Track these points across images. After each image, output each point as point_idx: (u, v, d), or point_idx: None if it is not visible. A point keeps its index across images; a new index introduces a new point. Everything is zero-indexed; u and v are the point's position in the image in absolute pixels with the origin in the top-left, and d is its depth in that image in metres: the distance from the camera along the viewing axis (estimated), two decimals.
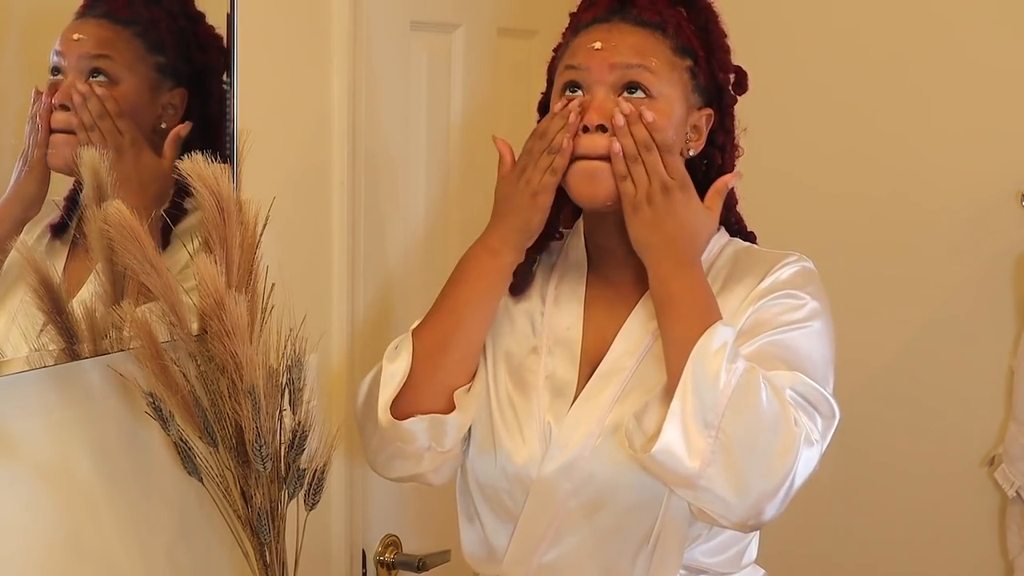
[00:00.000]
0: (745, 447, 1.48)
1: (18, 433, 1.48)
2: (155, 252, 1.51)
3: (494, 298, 1.65)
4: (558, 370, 1.65)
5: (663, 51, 1.62)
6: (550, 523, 1.62)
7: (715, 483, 1.48)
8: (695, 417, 1.47)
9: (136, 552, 1.66)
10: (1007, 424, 2.40)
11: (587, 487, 1.59)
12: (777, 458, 1.48)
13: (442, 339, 1.63)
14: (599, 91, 1.60)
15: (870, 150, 2.53)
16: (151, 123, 1.62)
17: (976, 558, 2.49)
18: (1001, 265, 2.42)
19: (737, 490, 1.48)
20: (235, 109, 1.70)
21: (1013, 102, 2.39)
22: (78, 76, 1.52)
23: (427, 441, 1.63)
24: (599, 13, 1.65)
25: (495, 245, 1.63)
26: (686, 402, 1.48)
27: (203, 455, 1.60)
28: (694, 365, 1.49)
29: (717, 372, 1.48)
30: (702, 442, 1.47)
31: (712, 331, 1.50)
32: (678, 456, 1.48)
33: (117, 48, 1.56)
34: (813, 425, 1.52)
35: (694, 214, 1.58)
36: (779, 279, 1.61)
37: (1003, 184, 2.39)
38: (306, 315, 1.66)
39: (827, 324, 1.62)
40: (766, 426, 1.48)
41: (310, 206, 1.98)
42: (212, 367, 1.56)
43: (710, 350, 1.49)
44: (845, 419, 1.78)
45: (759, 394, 1.48)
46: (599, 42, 1.61)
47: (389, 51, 2.07)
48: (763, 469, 1.48)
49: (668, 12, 1.65)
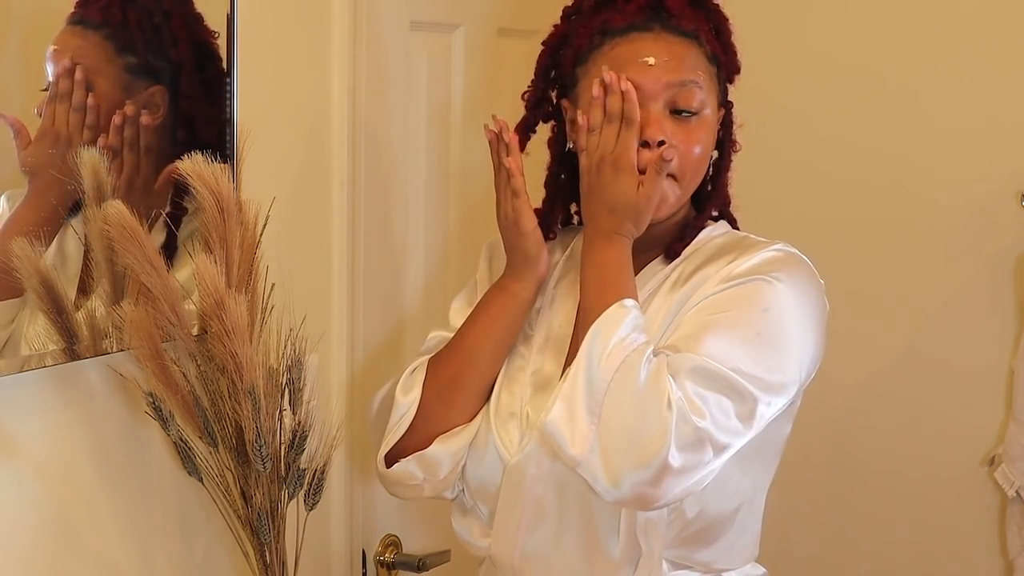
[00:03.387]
0: (617, 434, 1.50)
1: (18, 433, 1.48)
2: (155, 252, 1.51)
3: (509, 333, 1.67)
4: (545, 366, 1.67)
5: (703, 62, 1.65)
6: (524, 510, 1.64)
7: (593, 474, 1.51)
8: (581, 404, 1.51)
9: (136, 552, 1.66)
10: (1007, 424, 2.40)
11: (553, 472, 1.61)
12: (647, 444, 1.48)
13: (454, 374, 1.66)
14: (654, 107, 1.60)
15: (870, 150, 2.52)
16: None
17: (976, 558, 2.49)
18: (1001, 265, 2.42)
19: (610, 480, 1.50)
20: (235, 109, 1.70)
21: (1013, 102, 2.39)
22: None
23: (421, 475, 1.67)
24: (637, 20, 1.64)
25: (505, 281, 1.67)
26: (575, 388, 1.52)
27: (203, 455, 1.60)
28: (588, 345, 1.53)
29: (603, 354, 1.51)
30: (586, 430, 1.50)
31: (615, 311, 1.54)
32: (563, 437, 1.52)
33: (85, 54, 1.56)
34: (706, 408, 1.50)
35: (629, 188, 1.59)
36: (750, 263, 1.61)
37: (1003, 184, 2.39)
38: (306, 315, 1.66)
39: (792, 308, 1.59)
40: (637, 410, 1.49)
41: (310, 206, 1.98)
42: (212, 367, 1.56)
43: (607, 330, 1.53)
44: (845, 419, 1.79)
45: (636, 378, 1.50)
46: (652, 57, 1.61)
47: (389, 51, 2.07)
48: (633, 457, 1.49)
49: (697, 17, 1.67)
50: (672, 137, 1.59)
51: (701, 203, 1.72)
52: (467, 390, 1.66)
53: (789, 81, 2.56)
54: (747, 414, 1.53)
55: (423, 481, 1.68)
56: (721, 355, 1.53)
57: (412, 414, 1.66)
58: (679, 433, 1.48)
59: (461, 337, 1.68)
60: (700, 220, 1.70)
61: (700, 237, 1.70)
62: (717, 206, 1.74)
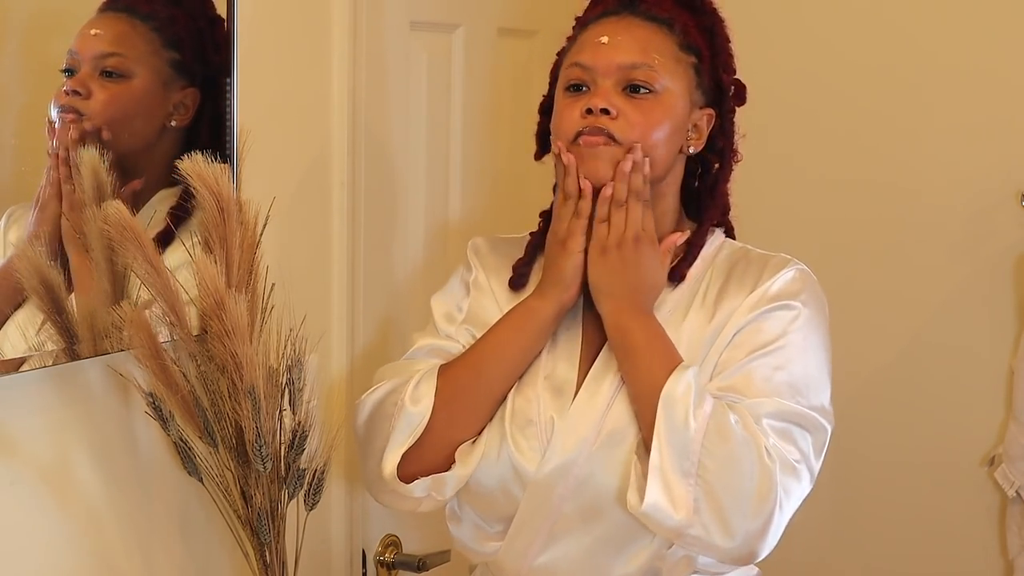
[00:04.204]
0: (726, 488, 1.51)
1: (18, 433, 1.48)
2: (155, 252, 1.50)
3: (524, 350, 1.65)
4: (558, 368, 1.66)
5: (669, 46, 1.64)
6: (542, 525, 1.62)
7: (705, 530, 1.52)
8: (673, 468, 1.51)
9: (136, 552, 1.66)
10: (1007, 424, 2.40)
11: (583, 492, 1.60)
12: (757, 495, 1.51)
13: (465, 389, 1.64)
14: (604, 83, 1.61)
15: (870, 150, 2.52)
16: (161, 120, 1.62)
17: (976, 558, 2.49)
18: (1001, 265, 2.42)
19: (725, 533, 1.52)
20: (235, 109, 1.70)
21: (1013, 102, 2.39)
22: (90, 75, 1.53)
23: (426, 492, 1.65)
24: (609, 6, 1.67)
25: (530, 300, 1.66)
26: (663, 455, 1.51)
27: (203, 455, 1.60)
28: (664, 415, 1.52)
29: (686, 418, 1.51)
30: (683, 491, 1.50)
31: (677, 377, 1.54)
32: (664, 510, 1.51)
33: (132, 42, 1.57)
34: (795, 447, 1.55)
35: (655, 267, 1.62)
36: (774, 287, 1.63)
37: (1003, 184, 2.39)
38: (306, 315, 1.66)
39: (819, 332, 1.64)
40: (743, 463, 1.51)
41: (310, 206, 1.98)
42: (212, 367, 1.56)
43: (676, 396, 1.53)
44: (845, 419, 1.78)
45: (731, 433, 1.51)
46: (606, 36, 1.63)
47: (389, 51, 2.07)
48: (746, 508, 1.51)
49: (676, 11, 1.67)
50: (622, 110, 1.60)
51: (700, 214, 1.72)
52: (477, 407, 1.64)
53: (789, 81, 2.56)
54: (822, 444, 1.60)
55: (426, 498, 1.66)
56: (785, 392, 1.57)
57: (425, 424, 1.63)
58: (783, 476, 1.52)
59: (475, 353, 1.66)
60: (700, 237, 1.70)
61: (704, 253, 1.70)
62: (716, 216, 1.73)
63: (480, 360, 1.65)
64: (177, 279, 1.53)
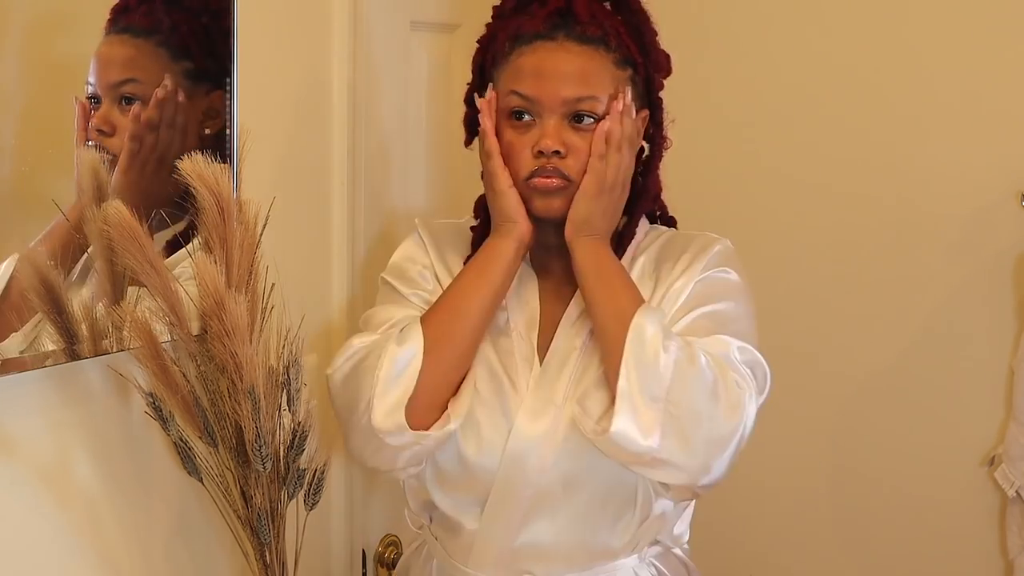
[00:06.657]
0: (694, 414, 1.55)
1: (18, 433, 1.48)
2: (155, 252, 1.50)
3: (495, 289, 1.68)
4: (523, 349, 1.71)
5: (606, 67, 1.68)
6: (521, 499, 1.65)
7: (672, 454, 1.55)
8: (642, 393, 1.54)
9: (136, 552, 1.66)
10: (1007, 424, 2.40)
11: (557, 465, 1.64)
12: (724, 419, 1.56)
13: (447, 331, 1.66)
14: (550, 120, 1.65)
15: (870, 150, 2.52)
16: (195, 133, 1.62)
17: (976, 558, 2.49)
18: (1001, 265, 2.42)
19: (690, 455, 1.56)
20: (235, 109, 1.70)
21: (1013, 102, 2.39)
22: (111, 105, 1.52)
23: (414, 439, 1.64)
24: (541, 28, 1.68)
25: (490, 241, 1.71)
26: (631, 380, 1.55)
27: (203, 455, 1.60)
28: (632, 344, 1.56)
29: (656, 350, 1.56)
30: (652, 415, 1.54)
31: (645, 311, 1.59)
32: (632, 435, 1.54)
33: (140, 65, 1.54)
34: (750, 384, 1.61)
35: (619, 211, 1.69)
36: (711, 258, 1.70)
37: (1003, 184, 2.39)
38: (305, 315, 1.66)
39: (750, 296, 1.72)
40: (710, 391, 1.56)
41: (310, 206, 1.98)
42: (212, 367, 1.56)
43: (646, 329, 1.57)
44: (845, 419, 1.81)
45: (699, 363, 1.56)
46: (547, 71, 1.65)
47: (389, 51, 2.07)
48: (712, 432, 1.56)
49: (608, 23, 1.69)
50: (571, 146, 1.64)
51: (630, 203, 1.74)
52: (463, 349, 1.67)
53: (789, 82, 2.56)
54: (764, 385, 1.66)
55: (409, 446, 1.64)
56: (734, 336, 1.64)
57: (419, 362, 1.62)
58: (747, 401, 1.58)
59: (450, 297, 1.69)
60: (630, 229, 1.75)
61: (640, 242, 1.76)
62: (647, 203, 1.77)
63: (456, 304, 1.68)
64: (177, 279, 1.54)
